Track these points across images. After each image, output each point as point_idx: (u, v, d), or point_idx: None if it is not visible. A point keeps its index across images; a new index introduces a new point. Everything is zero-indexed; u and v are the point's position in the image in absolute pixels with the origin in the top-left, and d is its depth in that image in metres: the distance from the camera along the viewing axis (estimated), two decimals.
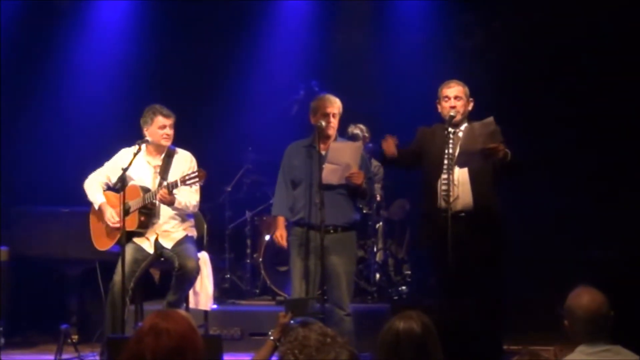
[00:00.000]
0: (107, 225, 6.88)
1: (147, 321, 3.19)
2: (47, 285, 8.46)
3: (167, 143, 6.92)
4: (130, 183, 6.82)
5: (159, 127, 6.87)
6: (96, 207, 6.94)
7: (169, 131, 6.89)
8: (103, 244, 6.97)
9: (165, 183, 6.70)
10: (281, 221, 6.90)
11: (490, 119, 6.28)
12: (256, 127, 9.33)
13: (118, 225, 6.63)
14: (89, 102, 9.24)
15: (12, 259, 7.96)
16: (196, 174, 6.52)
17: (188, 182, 6.54)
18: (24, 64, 9.06)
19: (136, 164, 6.80)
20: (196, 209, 7.00)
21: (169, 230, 6.88)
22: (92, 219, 7.05)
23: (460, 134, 6.49)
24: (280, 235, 6.84)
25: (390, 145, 6.56)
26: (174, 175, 6.82)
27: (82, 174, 7.09)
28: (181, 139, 7.05)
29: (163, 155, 6.96)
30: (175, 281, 6.72)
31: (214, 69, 9.63)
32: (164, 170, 6.91)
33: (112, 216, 6.80)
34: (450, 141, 6.45)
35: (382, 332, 3.64)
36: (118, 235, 6.59)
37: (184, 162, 6.97)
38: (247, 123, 9.39)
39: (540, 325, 7.25)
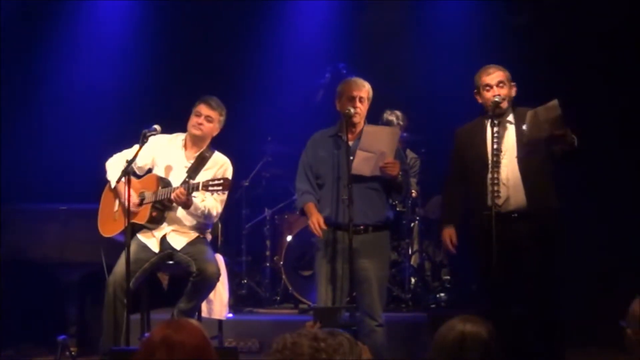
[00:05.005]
0: (117, 210, 6.90)
1: (158, 332, 3.16)
2: (43, 292, 8.47)
3: (195, 132, 6.92)
4: (153, 170, 6.88)
5: (195, 114, 6.95)
6: (112, 185, 6.93)
7: (202, 121, 6.92)
8: (109, 229, 6.96)
9: (185, 182, 6.70)
10: (312, 206, 6.67)
11: (555, 102, 6.18)
12: (276, 114, 9.33)
13: (135, 209, 6.68)
14: (92, 91, 9.33)
15: (4, 262, 7.99)
16: (221, 181, 6.48)
17: (210, 189, 6.52)
18: (21, 55, 9.13)
19: (169, 154, 6.90)
20: (213, 221, 6.99)
21: (180, 230, 6.87)
22: (104, 200, 7.06)
23: (508, 125, 6.46)
24: (317, 220, 6.57)
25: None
26: (203, 177, 6.81)
27: (82, 168, 7.12)
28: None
29: (198, 153, 6.97)
30: (192, 287, 6.69)
31: (230, 50, 9.65)
32: (194, 170, 6.91)
33: (131, 197, 6.76)
34: (496, 134, 6.40)
35: (441, 333, 3.65)
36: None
37: (217, 165, 6.95)
38: (266, 110, 9.39)
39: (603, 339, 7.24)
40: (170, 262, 6.87)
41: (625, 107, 8.60)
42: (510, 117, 6.51)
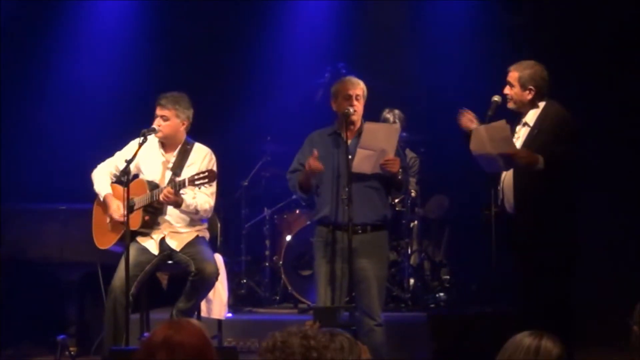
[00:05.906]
0: (111, 221, 6.89)
1: (158, 333, 3.13)
2: (43, 292, 8.47)
3: (157, 135, 6.85)
4: (139, 176, 6.86)
5: (155, 117, 6.88)
6: (101, 197, 6.94)
7: (158, 122, 6.82)
8: (104, 241, 6.97)
9: (172, 181, 6.68)
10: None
11: (502, 122, 6.21)
12: (276, 114, 9.33)
13: (123, 219, 6.59)
14: (92, 91, 9.32)
15: (4, 262, 7.99)
16: (205, 174, 6.46)
17: (197, 183, 6.50)
18: (20, 52, 9.13)
19: (150, 157, 6.85)
20: (208, 215, 6.96)
21: (178, 231, 6.86)
22: (96, 213, 7.06)
23: (524, 126, 6.40)
24: (310, 161, 6.51)
25: (468, 120, 6.48)
26: (188, 172, 6.77)
27: (82, 168, 7.11)
28: (193, 127, 7.05)
29: (177, 149, 6.95)
30: (191, 287, 6.70)
31: (230, 50, 9.64)
32: (178, 166, 6.88)
33: (118, 208, 6.77)
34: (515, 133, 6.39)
35: (512, 344, 3.59)
36: (121, 233, 6.62)
37: (200, 159, 6.92)
38: (265, 110, 9.39)
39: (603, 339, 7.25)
40: (170, 262, 6.87)
41: (625, 106, 8.60)
42: (528, 118, 6.45)
